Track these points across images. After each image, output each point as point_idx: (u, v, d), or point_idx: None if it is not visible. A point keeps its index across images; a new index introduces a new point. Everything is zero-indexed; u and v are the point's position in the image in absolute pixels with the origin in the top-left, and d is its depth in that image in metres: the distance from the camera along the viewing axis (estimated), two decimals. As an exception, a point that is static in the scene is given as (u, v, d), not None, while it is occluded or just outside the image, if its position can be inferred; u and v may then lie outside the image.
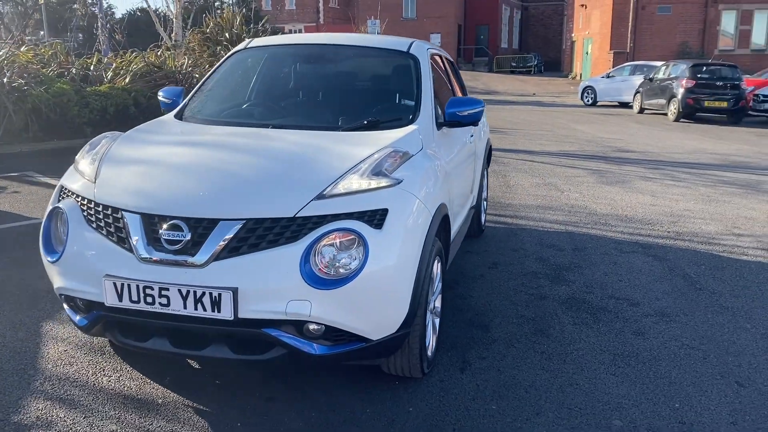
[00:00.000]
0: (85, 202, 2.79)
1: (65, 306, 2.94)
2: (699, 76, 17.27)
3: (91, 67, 11.89)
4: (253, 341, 2.64)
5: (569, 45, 45.05)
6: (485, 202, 5.81)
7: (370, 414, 2.85)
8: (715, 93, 17.08)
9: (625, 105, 22.30)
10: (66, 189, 2.97)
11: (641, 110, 19.82)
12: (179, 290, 2.49)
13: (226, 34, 15.95)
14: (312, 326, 2.58)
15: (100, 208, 2.72)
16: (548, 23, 57.10)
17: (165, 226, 2.55)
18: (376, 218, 2.62)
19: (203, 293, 2.48)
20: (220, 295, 2.47)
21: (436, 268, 3.14)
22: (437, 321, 3.35)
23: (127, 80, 11.38)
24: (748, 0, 33.68)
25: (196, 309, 2.50)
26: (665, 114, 18.35)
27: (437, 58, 4.54)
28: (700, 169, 9.74)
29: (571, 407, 2.93)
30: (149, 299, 2.53)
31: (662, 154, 11.26)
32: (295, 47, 4.35)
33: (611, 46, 34.52)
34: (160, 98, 4.11)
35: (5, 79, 9.69)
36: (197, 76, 12.14)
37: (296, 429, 2.73)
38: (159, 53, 13.21)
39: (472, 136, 4.54)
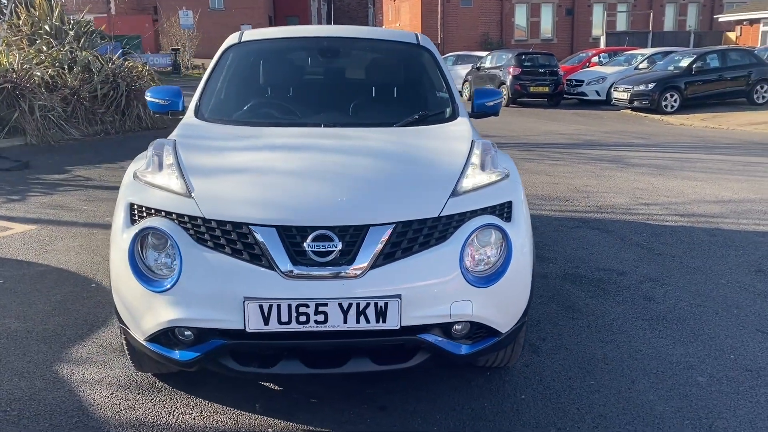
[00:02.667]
0: (186, 220, 2.44)
1: (145, 344, 2.54)
2: (524, 64, 18.88)
3: None
4: (395, 349, 2.53)
5: (379, 36, 46.56)
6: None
7: (491, 408, 2.85)
8: (538, 79, 18.82)
9: (451, 93, 23.61)
10: (142, 207, 2.54)
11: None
12: (339, 304, 2.30)
13: (46, 27, 14.32)
14: (457, 326, 2.53)
15: (212, 224, 2.40)
16: (354, 15, 58.45)
17: (311, 237, 2.33)
18: (504, 211, 2.63)
19: (367, 304, 2.32)
20: (386, 304, 2.32)
21: None
22: None
23: (-46, 80, 9.78)
24: (537, -6, 37.42)
25: (358, 322, 2.33)
26: (495, 100, 19.76)
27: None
28: (565, 148, 10.72)
29: (655, 372, 3.17)
30: (303, 318, 2.31)
31: (522, 136, 12.19)
32: (302, 41, 4.08)
33: (423, 38, 36.34)
34: (149, 99, 3.65)
35: None
36: (39, 74, 10.75)
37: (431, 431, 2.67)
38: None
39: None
